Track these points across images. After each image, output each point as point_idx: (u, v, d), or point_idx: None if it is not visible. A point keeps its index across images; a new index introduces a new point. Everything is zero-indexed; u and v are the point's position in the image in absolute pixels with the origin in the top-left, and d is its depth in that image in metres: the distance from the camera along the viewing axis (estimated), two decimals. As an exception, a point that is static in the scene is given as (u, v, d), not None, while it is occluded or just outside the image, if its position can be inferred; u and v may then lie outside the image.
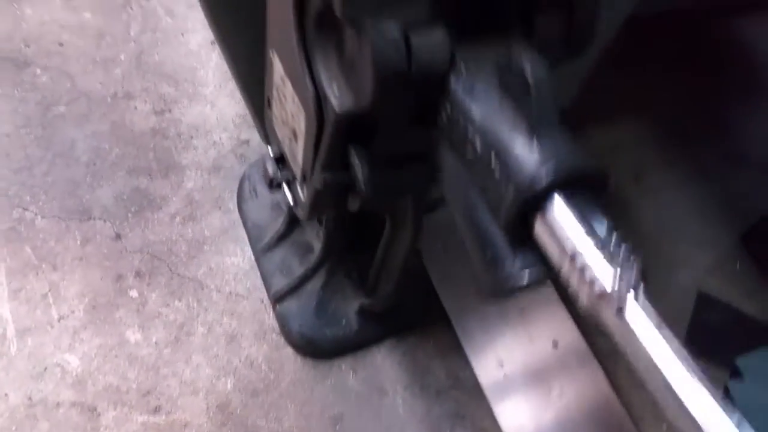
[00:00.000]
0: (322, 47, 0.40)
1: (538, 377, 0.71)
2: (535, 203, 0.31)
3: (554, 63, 0.38)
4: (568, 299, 0.77)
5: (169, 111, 0.91)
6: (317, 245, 0.73)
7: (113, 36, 0.97)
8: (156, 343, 0.72)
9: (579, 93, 0.74)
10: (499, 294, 0.35)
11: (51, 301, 0.73)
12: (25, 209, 0.79)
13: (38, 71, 0.91)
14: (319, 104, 0.41)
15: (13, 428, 0.65)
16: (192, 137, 0.89)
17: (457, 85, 0.35)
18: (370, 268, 0.69)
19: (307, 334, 0.71)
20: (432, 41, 0.34)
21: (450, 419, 0.71)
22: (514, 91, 0.34)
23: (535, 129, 0.32)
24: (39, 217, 0.78)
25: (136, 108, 0.90)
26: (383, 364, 0.74)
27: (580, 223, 0.30)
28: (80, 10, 0.98)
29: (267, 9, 0.46)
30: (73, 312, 0.73)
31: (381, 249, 0.65)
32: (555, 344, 0.73)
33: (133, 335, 0.72)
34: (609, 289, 0.29)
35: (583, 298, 0.30)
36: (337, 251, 0.71)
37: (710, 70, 1.06)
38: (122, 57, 0.95)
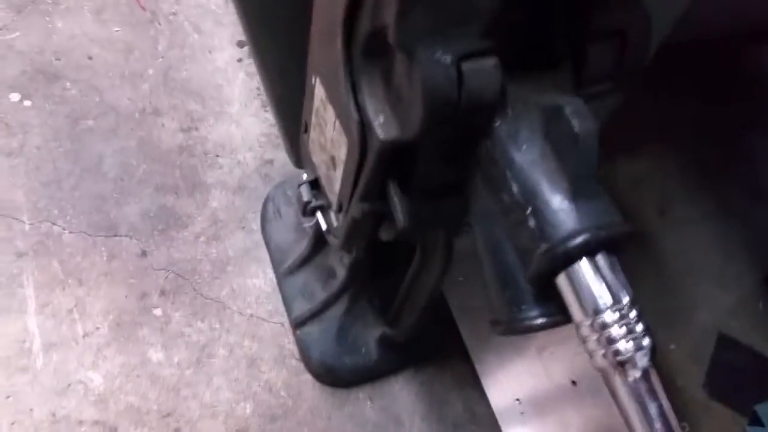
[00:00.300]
0: (369, 75, 0.39)
1: (555, 416, 0.70)
2: (564, 263, 0.32)
3: (602, 95, 0.37)
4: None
5: (196, 129, 0.92)
6: (341, 271, 0.73)
7: (141, 51, 0.98)
8: (178, 363, 0.73)
9: (606, 123, 0.74)
10: (512, 332, 0.36)
11: (76, 316, 0.74)
12: (54, 224, 0.80)
13: (68, 84, 0.93)
14: (362, 132, 0.40)
15: (37, 445, 0.66)
16: (218, 156, 0.90)
17: (501, 127, 0.35)
18: (394, 297, 0.69)
19: (327, 362, 0.72)
20: (484, 70, 0.33)
21: (466, 453, 0.72)
22: (558, 141, 0.33)
23: (574, 188, 0.32)
24: (66, 232, 0.80)
25: (163, 125, 0.91)
26: (400, 394, 0.74)
27: (605, 288, 0.31)
28: (109, 25, 1.00)
29: (311, 34, 0.46)
30: (97, 329, 0.74)
31: (407, 280, 0.65)
32: (574, 384, 0.73)
33: (156, 355, 0.73)
34: (624, 359, 0.30)
35: (597, 360, 0.31)
36: (362, 279, 0.71)
37: (736, 101, 1.05)
38: (150, 72, 0.96)
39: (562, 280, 0.32)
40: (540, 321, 0.34)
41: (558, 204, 0.32)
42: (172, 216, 0.83)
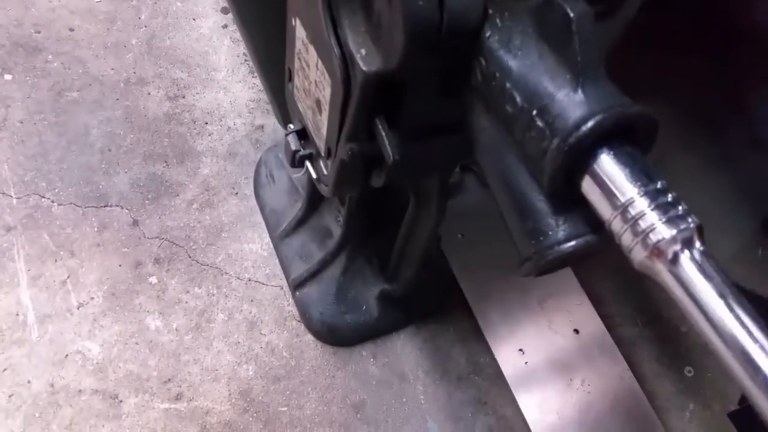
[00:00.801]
0: (349, 6, 0.38)
1: (559, 365, 0.70)
2: (581, 157, 0.30)
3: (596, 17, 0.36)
4: (588, 286, 0.76)
5: (183, 97, 0.90)
6: (336, 230, 0.72)
7: (124, 21, 0.96)
8: (176, 329, 0.71)
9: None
10: (542, 266, 0.33)
11: (70, 287, 0.73)
12: (42, 196, 0.78)
13: (50, 57, 0.90)
14: (345, 68, 0.39)
15: (37, 415, 0.65)
16: (206, 123, 0.88)
17: (492, 39, 0.33)
18: (391, 253, 0.68)
19: (327, 321, 0.71)
20: None
21: (471, 405, 0.71)
22: (554, 36, 0.31)
23: (578, 75, 0.30)
24: (56, 204, 0.78)
25: (149, 94, 0.89)
26: (403, 350, 0.74)
27: (632, 175, 0.29)
28: (90, -5, 0.97)
29: None
30: (92, 299, 0.72)
31: (403, 230, 0.64)
32: (576, 332, 0.73)
33: (154, 322, 0.72)
34: (664, 244, 0.27)
35: (637, 253, 0.28)
36: (358, 235, 0.70)
37: (732, 53, 1.04)
38: (133, 42, 0.94)
39: (586, 184, 0.30)
40: (569, 245, 0.31)
41: (564, 96, 0.30)
42: (162, 184, 0.81)
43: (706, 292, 0.27)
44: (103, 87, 0.89)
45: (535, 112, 0.31)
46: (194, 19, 0.98)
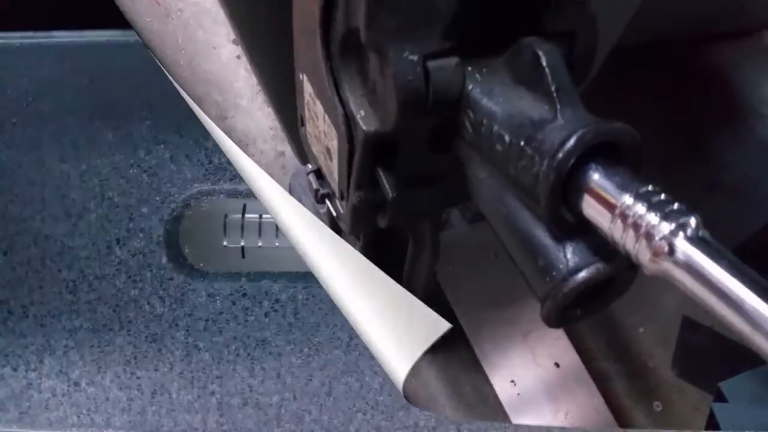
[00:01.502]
0: (348, 72, 0.41)
1: (546, 396, 0.75)
2: (573, 177, 0.31)
3: None
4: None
5: (225, 118, 0.94)
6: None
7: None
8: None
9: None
10: (560, 301, 0.32)
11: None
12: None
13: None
14: (348, 125, 0.42)
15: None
16: (247, 145, 0.93)
17: (475, 91, 0.37)
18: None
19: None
20: (448, 68, 0.36)
21: None
22: (529, 78, 0.34)
23: (556, 104, 0.33)
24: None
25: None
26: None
27: (623, 183, 0.30)
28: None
29: (293, 34, 0.47)
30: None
31: (406, 269, 0.68)
32: (557, 366, 0.77)
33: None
34: (667, 240, 0.27)
35: (643, 256, 0.27)
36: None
37: (687, 98, 1.09)
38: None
39: (584, 204, 0.31)
40: (581, 276, 0.31)
41: (546, 124, 0.32)
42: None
43: (719, 273, 0.25)
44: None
45: (522, 143, 0.33)
46: (214, 48, 1.02)
